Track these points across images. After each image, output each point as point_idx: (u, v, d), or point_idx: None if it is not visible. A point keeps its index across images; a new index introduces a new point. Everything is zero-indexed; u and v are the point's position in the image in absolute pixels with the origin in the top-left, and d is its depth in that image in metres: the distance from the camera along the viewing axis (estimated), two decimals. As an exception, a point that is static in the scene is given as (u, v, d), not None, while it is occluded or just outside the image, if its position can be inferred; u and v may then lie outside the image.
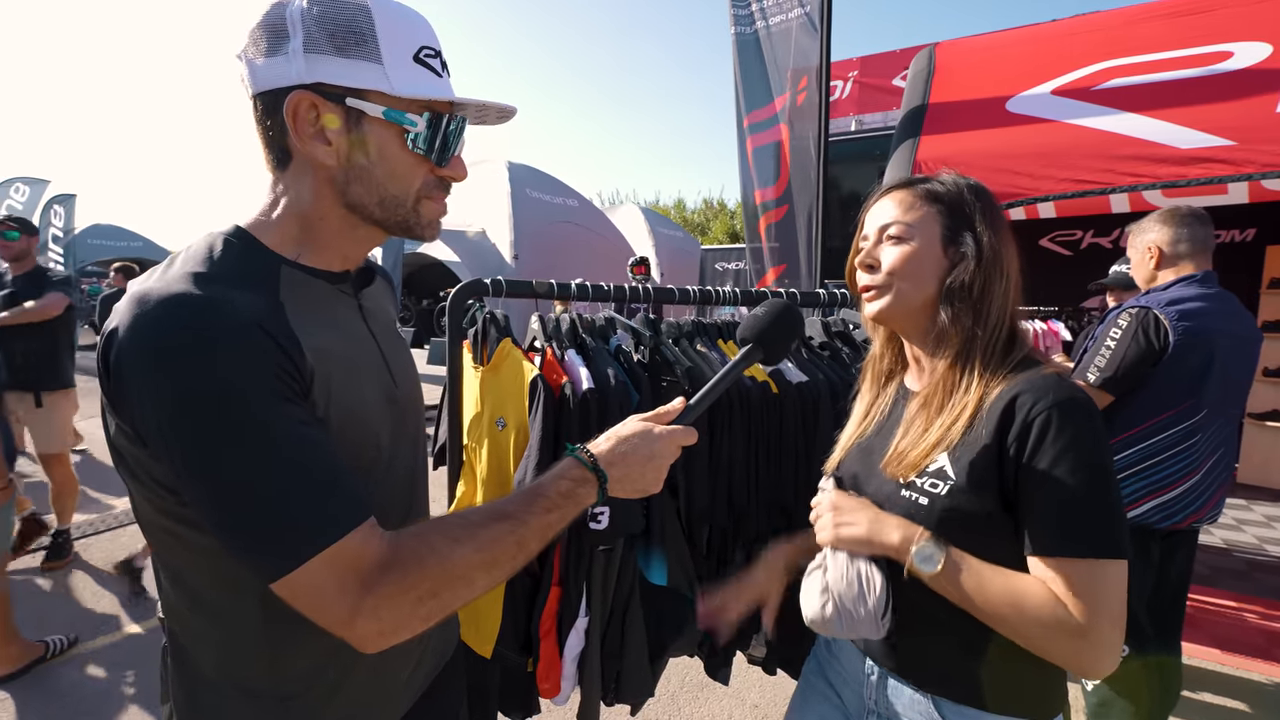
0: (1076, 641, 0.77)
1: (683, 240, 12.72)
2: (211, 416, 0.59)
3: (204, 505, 0.62)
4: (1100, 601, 0.77)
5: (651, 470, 0.81)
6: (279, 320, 0.65)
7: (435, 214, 0.78)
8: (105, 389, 0.63)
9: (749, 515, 1.46)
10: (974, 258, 0.91)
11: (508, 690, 1.46)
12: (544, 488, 0.75)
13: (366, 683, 0.81)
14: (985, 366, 0.90)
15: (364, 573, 0.62)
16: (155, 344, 0.60)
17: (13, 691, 2.56)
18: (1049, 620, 0.78)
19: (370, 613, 0.62)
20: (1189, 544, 2.03)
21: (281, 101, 0.68)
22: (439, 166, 0.75)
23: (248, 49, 0.69)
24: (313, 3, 0.67)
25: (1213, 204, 2.54)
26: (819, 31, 4.23)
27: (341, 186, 0.72)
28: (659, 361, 1.47)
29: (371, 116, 0.70)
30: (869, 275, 0.98)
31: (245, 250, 0.70)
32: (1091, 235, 4.59)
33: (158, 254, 15.55)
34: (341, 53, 0.67)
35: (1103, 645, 0.77)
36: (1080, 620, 0.77)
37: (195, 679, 0.75)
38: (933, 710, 0.91)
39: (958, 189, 0.95)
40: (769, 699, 2.55)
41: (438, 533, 0.68)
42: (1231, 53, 2.74)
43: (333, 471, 0.64)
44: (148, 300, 0.61)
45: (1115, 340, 1.91)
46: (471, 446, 1.46)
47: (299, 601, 0.62)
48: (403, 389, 0.85)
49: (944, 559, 0.84)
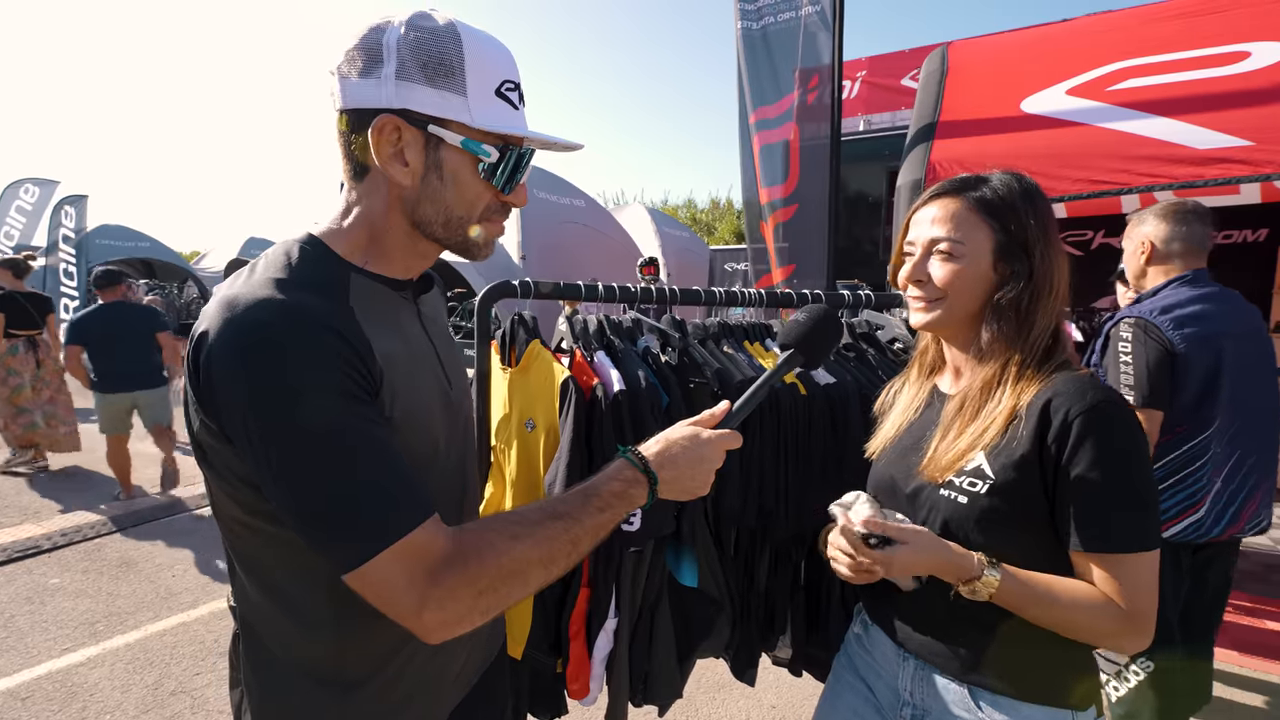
0: (1121, 624, 0.84)
1: (689, 240, 12.68)
2: (291, 414, 0.63)
3: (283, 499, 0.65)
4: (1141, 588, 0.84)
5: (701, 473, 0.84)
6: (351, 325, 0.69)
7: (493, 235, 0.82)
8: (194, 387, 0.67)
9: (777, 517, 1.46)
10: (1026, 277, 0.91)
11: (537, 691, 1.46)
12: (597, 488, 0.78)
13: (423, 676, 0.84)
14: (1022, 373, 0.91)
15: (431, 566, 0.66)
16: (240, 344, 0.64)
17: (31, 689, 2.58)
18: (1099, 613, 0.85)
19: (436, 604, 0.65)
20: (1227, 554, 1.98)
21: (368, 120, 0.72)
22: (503, 194, 0.79)
23: (342, 66, 0.73)
24: (410, 30, 0.71)
25: (1225, 204, 2.53)
26: (830, 29, 4.22)
27: (411, 205, 0.76)
28: (686, 363, 1.47)
29: (449, 144, 0.74)
30: (919, 289, 0.98)
31: (319, 258, 0.75)
32: (1102, 235, 4.57)
33: (165, 254, 15.59)
34: (430, 83, 0.71)
35: (1145, 623, 0.85)
36: (1124, 606, 0.84)
37: (267, 664, 0.79)
38: (969, 700, 0.92)
39: (1011, 197, 0.93)
40: (786, 700, 2.55)
41: (497, 529, 0.71)
42: (1249, 53, 2.73)
43: (400, 469, 0.67)
44: (235, 305, 0.65)
45: (1129, 355, 1.83)
46: (500, 448, 1.46)
47: (370, 592, 0.65)
48: (456, 390, 0.89)
49: (999, 578, 0.86)
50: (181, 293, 16.96)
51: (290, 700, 0.79)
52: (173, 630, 3.04)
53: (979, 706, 0.92)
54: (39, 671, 2.70)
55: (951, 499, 0.91)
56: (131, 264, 17.51)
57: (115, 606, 3.24)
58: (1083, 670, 0.92)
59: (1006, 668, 0.91)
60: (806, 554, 1.58)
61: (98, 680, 2.65)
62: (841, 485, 1.48)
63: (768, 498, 1.44)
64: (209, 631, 3.04)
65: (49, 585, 3.46)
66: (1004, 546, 0.89)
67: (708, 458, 0.84)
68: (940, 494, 0.93)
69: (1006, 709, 0.90)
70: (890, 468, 1.05)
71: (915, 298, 0.99)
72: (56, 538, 4.03)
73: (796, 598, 1.59)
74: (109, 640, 2.94)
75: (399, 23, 0.71)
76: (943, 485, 0.93)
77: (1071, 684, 0.92)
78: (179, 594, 3.39)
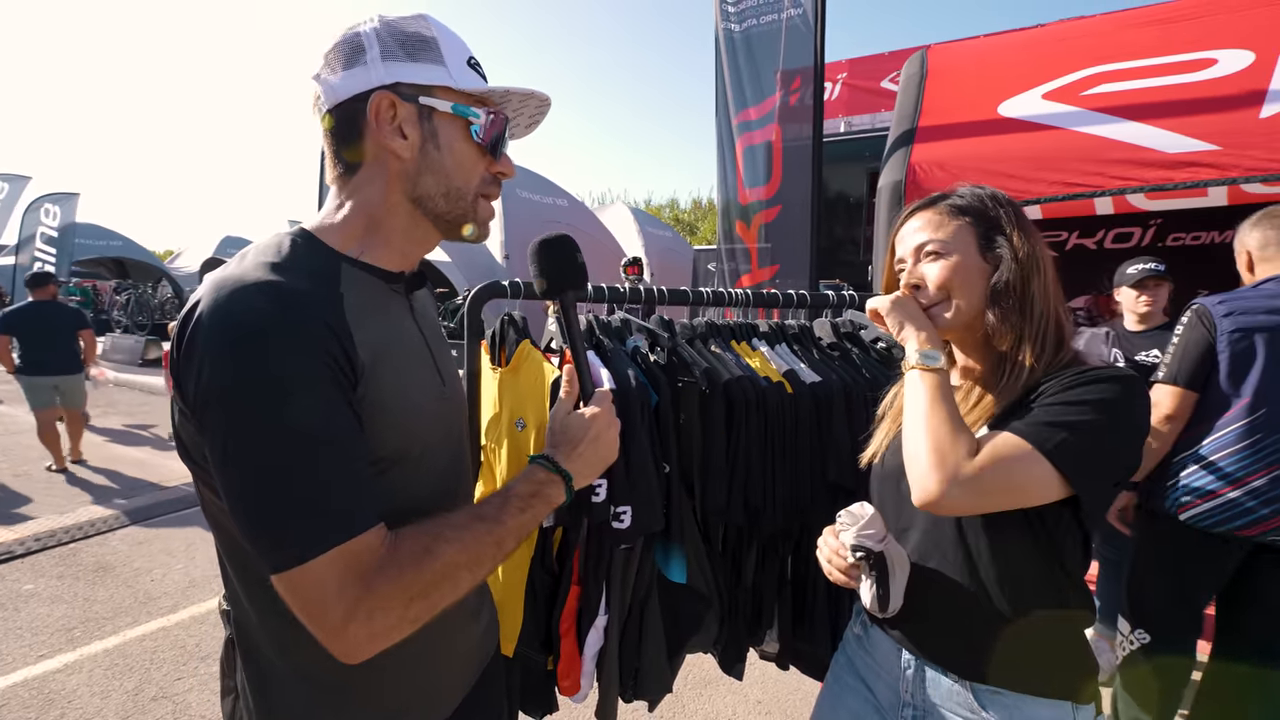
0: (940, 470, 0.85)
1: (672, 240, 12.71)
2: (257, 398, 0.62)
3: (231, 487, 0.64)
4: (999, 465, 0.84)
5: (604, 445, 0.90)
6: (336, 312, 0.69)
7: (488, 214, 0.85)
8: (174, 365, 0.67)
9: (764, 514, 1.48)
10: (1011, 258, 0.95)
11: (528, 689, 1.47)
12: (513, 491, 0.81)
13: (418, 677, 0.83)
14: (1035, 360, 0.94)
15: (365, 572, 0.64)
16: (223, 323, 0.64)
17: (7, 697, 2.52)
18: (936, 446, 0.87)
19: (366, 615, 0.64)
20: None
21: (358, 110, 0.75)
22: (494, 161, 0.83)
23: (323, 71, 0.77)
24: (382, 21, 0.77)
25: (1192, 207, 2.62)
26: (812, 31, 4.27)
27: (412, 180, 0.78)
28: (675, 362, 1.49)
29: (441, 112, 0.77)
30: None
31: (310, 248, 0.75)
32: (1076, 237, 4.68)
33: (139, 253, 15.26)
34: (412, 58, 0.76)
35: (959, 478, 0.84)
36: (969, 463, 0.84)
37: (260, 665, 0.78)
38: (971, 699, 0.93)
39: (979, 198, 0.99)
40: (772, 695, 2.58)
41: (431, 532, 0.71)
42: (1216, 60, 2.82)
43: (359, 472, 0.67)
44: (223, 285, 0.65)
45: (1178, 337, 1.93)
46: (490, 447, 1.47)
47: (298, 596, 0.63)
48: (449, 388, 0.89)
49: (943, 361, 0.94)
50: (156, 292, 16.60)
51: (285, 699, 0.78)
52: (152, 635, 2.99)
53: (980, 705, 0.93)
54: (14, 679, 2.65)
55: None
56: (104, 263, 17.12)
57: (92, 612, 3.19)
58: (1082, 664, 0.94)
59: (1006, 665, 0.92)
60: (793, 550, 1.61)
61: (76, 686, 2.61)
62: (826, 482, 1.52)
63: (754, 495, 1.46)
64: (190, 636, 2.99)
65: (22, 591, 3.38)
66: (1004, 536, 0.91)
67: (601, 431, 0.89)
68: None
69: (1007, 706, 0.91)
70: (897, 459, 1.05)
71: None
72: (30, 542, 3.94)
73: (784, 593, 1.62)
74: (87, 646, 2.89)
75: (370, 19, 0.78)
76: None
77: (1071, 678, 0.93)
78: (158, 598, 3.34)
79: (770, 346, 1.64)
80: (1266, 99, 2.55)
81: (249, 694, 0.79)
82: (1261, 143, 2.47)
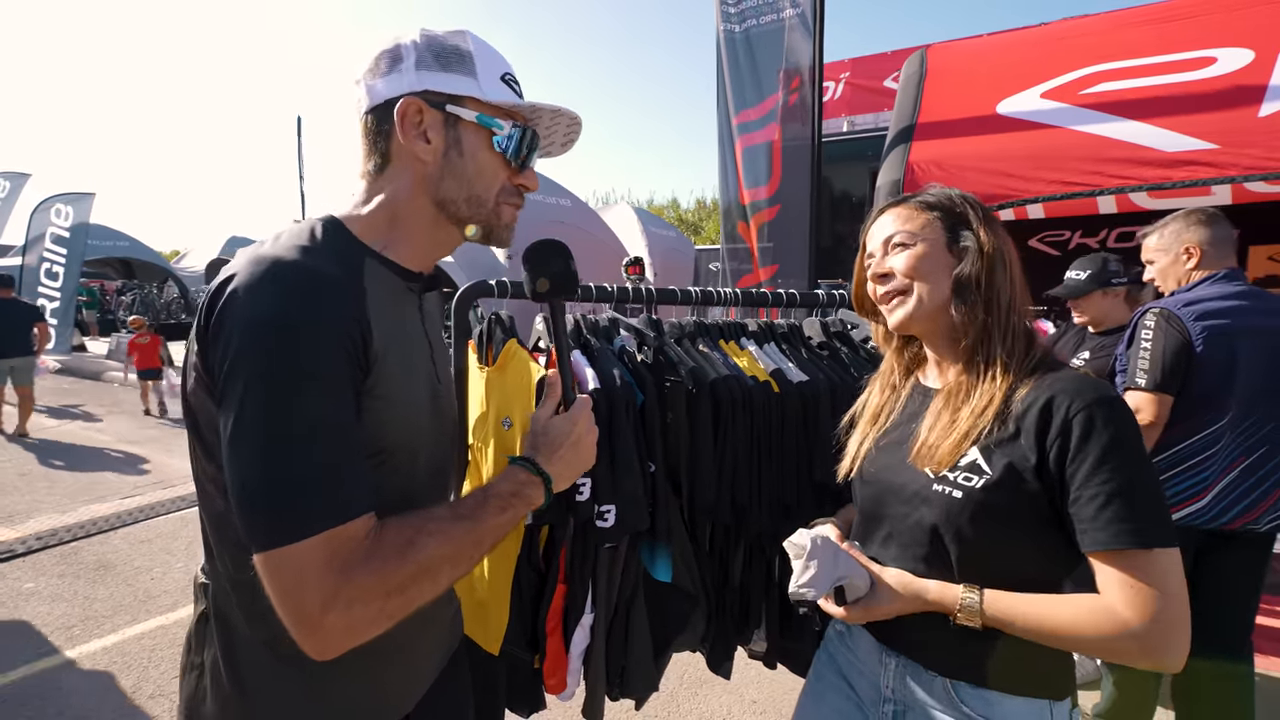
0: (1138, 641, 0.80)
1: (676, 240, 12.70)
2: (278, 382, 0.65)
3: (236, 459, 0.65)
4: (1167, 588, 0.79)
5: (584, 449, 0.92)
6: (360, 305, 0.73)
7: (511, 219, 0.89)
8: (200, 338, 0.69)
9: (751, 513, 1.48)
10: (976, 250, 0.96)
11: (515, 687, 1.47)
12: (493, 490, 0.82)
13: (390, 663, 0.85)
14: (1008, 358, 0.93)
15: (347, 560, 0.65)
16: (257, 303, 0.66)
17: (5, 694, 2.54)
18: (1106, 628, 0.81)
19: (344, 604, 0.64)
20: (1244, 547, 1.91)
21: (391, 110, 0.80)
22: (517, 173, 0.86)
23: (367, 75, 0.82)
24: (423, 35, 0.82)
25: (1197, 206, 2.60)
26: (812, 31, 4.26)
27: (435, 184, 0.82)
28: (662, 362, 1.49)
29: (466, 121, 0.81)
30: (885, 284, 1.02)
31: (338, 235, 0.79)
32: (1079, 236, 4.65)
33: (145, 254, 15.35)
34: (445, 69, 0.81)
35: (1176, 629, 0.80)
36: (1140, 613, 0.79)
37: (233, 640, 0.79)
38: (952, 695, 0.94)
39: (947, 196, 1.01)
40: (767, 695, 2.58)
41: (412, 526, 0.72)
42: (1215, 58, 2.80)
43: (360, 459, 0.69)
44: (259, 264, 0.68)
45: (1149, 341, 1.89)
46: (477, 446, 1.47)
47: (279, 577, 0.64)
48: (444, 387, 0.93)
49: (977, 599, 0.89)
50: (162, 292, 16.71)
51: (256, 676, 0.78)
52: (151, 633, 3.01)
53: (960, 701, 0.93)
54: (12, 676, 2.67)
55: (944, 493, 0.91)
56: (111, 263, 17.25)
57: (92, 610, 3.21)
58: (1060, 663, 0.94)
59: (986, 662, 0.92)
60: (780, 549, 1.61)
61: (74, 684, 2.62)
62: (813, 482, 1.52)
63: (741, 494, 1.46)
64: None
65: (23, 590, 3.41)
66: (993, 544, 0.90)
67: (580, 435, 0.91)
68: (934, 489, 0.93)
69: (987, 703, 0.92)
70: (879, 460, 1.06)
71: (885, 294, 1.02)
72: (31, 541, 3.97)
73: (771, 592, 1.61)
74: (86, 644, 2.91)
75: (413, 32, 0.83)
76: (937, 480, 0.93)
77: (1049, 676, 0.93)
78: (158, 596, 3.36)
79: (758, 346, 1.64)
80: (1265, 97, 2.53)
81: (221, 667, 0.80)
82: (1260, 141, 2.46)
